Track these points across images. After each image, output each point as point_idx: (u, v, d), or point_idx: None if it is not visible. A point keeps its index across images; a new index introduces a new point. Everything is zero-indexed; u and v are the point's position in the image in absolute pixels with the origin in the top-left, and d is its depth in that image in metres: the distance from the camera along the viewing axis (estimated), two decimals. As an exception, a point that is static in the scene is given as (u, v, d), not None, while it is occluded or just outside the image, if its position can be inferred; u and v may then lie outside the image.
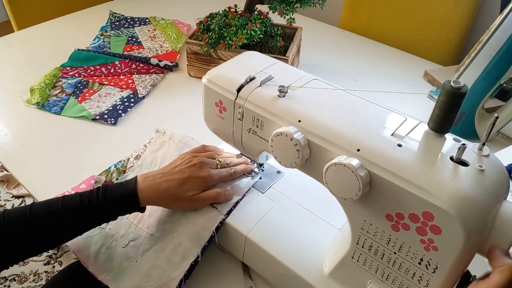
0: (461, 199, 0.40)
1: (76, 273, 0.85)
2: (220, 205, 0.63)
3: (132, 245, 0.64)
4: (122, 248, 0.64)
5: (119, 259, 0.63)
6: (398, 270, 0.48)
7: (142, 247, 0.64)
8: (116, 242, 0.65)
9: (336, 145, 0.47)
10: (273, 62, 0.61)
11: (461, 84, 0.41)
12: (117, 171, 0.77)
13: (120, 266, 0.62)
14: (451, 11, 1.31)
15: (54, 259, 1.47)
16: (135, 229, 0.66)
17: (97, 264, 0.63)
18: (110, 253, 0.64)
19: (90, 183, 0.74)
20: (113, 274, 0.62)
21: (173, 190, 0.60)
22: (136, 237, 0.65)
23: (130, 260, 0.62)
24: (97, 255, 0.64)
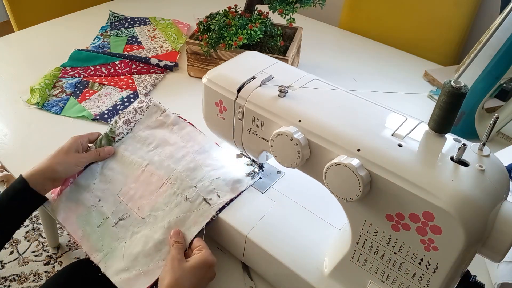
0: (461, 199, 0.40)
1: (75, 273, 0.85)
2: (213, 201, 0.64)
3: (121, 224, 0.66)
4: (112, 227, 0.66)
5: (109, 238, 0.65)
6: (398, 270, 0.48)
7: (131, 228, 0.65)
8: (107, 220, 0.67)
9: (337, 145, 0.47)
10: (273, 62, 0.61)
11: (461, 84, 0.41)
12: (106, 138, 0.76)
13: (110, 246, 0.64)
14: (451, 11, 1.31)
15: (54, 259, 1.47)
16: (125, 207, 0.67)
17: (90, 243, 0.66)
18: (101, 232, 0.66)
19: None
20: (103, 254, 0.64)
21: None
22: (126, 216, 0.66)
23: (119, 240, 0.64)
24: (89, 235, 0.66)
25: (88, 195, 0.70)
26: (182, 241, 0.61)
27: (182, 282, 0.55)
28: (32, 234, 1.55)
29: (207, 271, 0.57)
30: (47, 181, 0.68)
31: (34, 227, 1.57)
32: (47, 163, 0.68)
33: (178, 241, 0.60)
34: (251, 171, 0.68)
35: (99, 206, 0.69)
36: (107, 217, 0.67)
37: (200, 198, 0.64)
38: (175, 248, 0.59)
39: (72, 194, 0.71)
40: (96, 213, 0.68)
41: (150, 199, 0.67)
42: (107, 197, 0.70)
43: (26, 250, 1.49)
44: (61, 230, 1.53)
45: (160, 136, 0.76)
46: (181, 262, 0.57)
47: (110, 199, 0.69)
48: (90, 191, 0.71)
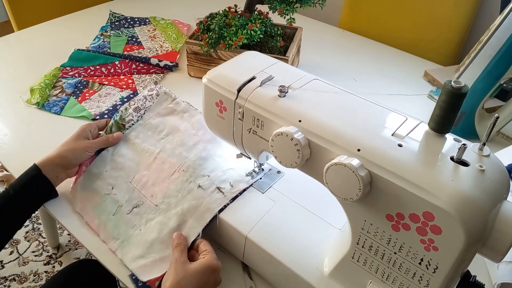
0: (461, 199, 0.40)
1: (76, 273, 0.85)
2: (226, 190, 0.65)
3: (135, 211, 0.67)
4: (127, 214, 0.67)
5: (125, 226, 0.66)
6: (398, 270, 0.48)
7: (145, 215, 0.66)
8: (121, 208, 0.68)
9: (337, 145, 0.47)
10: (273, 62, 0.61)
11: (462, 84, 0.41)
12: (116, 125, 0.77)
13: (125, 234, 0.65)
14: (451, 11, 1.31)
15: (54, 259, 1.47)
16: (138, 195, 0.69)
17: (106, 231, 0.67)
18: (116, 219, 0.67)
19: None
20: (120, 242, 0.65)
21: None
22: (140, 204, 0.67)
23: (134, 228, 0.65)
24: (105, 223, 0.67)
25: (101, 183, 0.71)
26: (184, 243, 0.61)
27: (184, 284, 0.54)
28: (32, 234, 1.55)
29: (211, 276, 0.57)
30: (58, 168, 0.69)
31: (34, 227, 1.57)
32: (57, 151, 0.70)
33: (180, 243, 0.60)
34: (251, 171, 0.68)
35: (112, 194, 0.70)
36: (121, 205, 0.68)
37: (213, 186, 0.65)
38: (178, 251, 0.59)
39: (86, 183, 0.72)
40: (110, 201, 0.69)
41: (162, 186, 0.68)
42: (120, 185, 0.71)
43: (26, 250, 1.49)
44: (61, 230, 1.53)
45: (171, 123, 0.77)
46: (184, 264, 0.57)
47: (123, 186, 0.70)
48: (103, 179, 0.72)
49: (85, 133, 0.73)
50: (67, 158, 0.70)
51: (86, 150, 0.71)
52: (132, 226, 0.66)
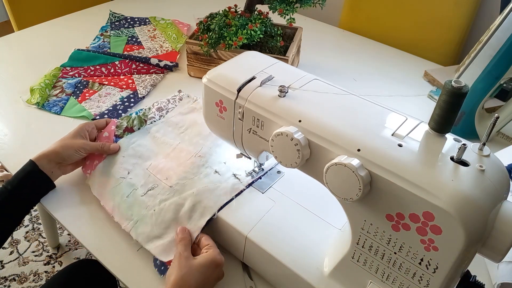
0: (461, 199, 0.40)
1: (76, 273, 0.85)
2: (242, 177, 0.67)
3: (150, 193, 0.68)
4: (141, 196, 0.68)
5: (138, 207, 0.67)
6: (398, 270, 0.48)
7: (159, 196, 0.67)
8: (136, 191, 0.69)
9: (337, 145, 0.47)
10: (273, 62, 0.61)
11: (462, 84, 0.41)
12: (138, 119, 0.81)
13: (139, 214, 0.66)
14: (451, 11, 1.31)
15: (54, 259, 1.47)
16: (153, 179, 0.70)
17: (120, 212, 0.67)
18: (130, 201, 0.68)
19: (111, 129, 0.78)
20: (133, 222, 0.66)
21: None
22: (154, 186, 0.69)
23: (148, 208, 0.66)
24: (119, 204, 0.68)
25: (117, 167, 0.73)
26: (188, 238, 0.61)
27: (188, 279, 0.55)
28: (32, 234, 1.55)
29: (214, 270, 0.57)
30: (52, 164, 0.70)
31: (34, 227, 1.57)
32: (52, 146, 0.71)
33: (184, 237, 0.60)
34: (251, 171, 0.68)
35: (128, 178, 0.71)
36: (136, 188, 0.69)
37: (229, 172, 0.68)
38: (182, 245, 0.59)
39: (104, 169, 0.73)
40: (125, 184, 0.70)
41: (178, 169, 0.70)
42: (136, 170, 0.72)
43: (26, 250, 1.49)
44: (61, 230, 1.53)
45: (190, 119, 0.82)
46: (188, 259, 0.57)
47: (139, 172, 0.72)
48: (120, 163, 0.73)
49: (82, 132, 0.74)
50: (61, 155, 0.70)
51: (79, 150, 0.71)
52: (145, 207, 0.66)
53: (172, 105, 0.86)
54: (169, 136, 0.79)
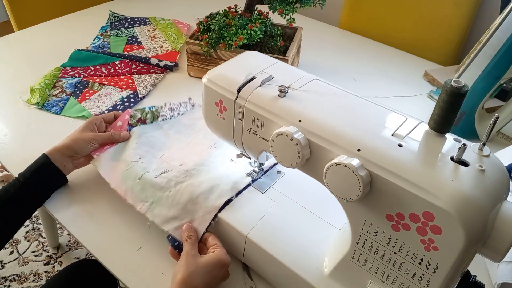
0: (461, 199, 0.40)
1: (76, 274, 0.85)
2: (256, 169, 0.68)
3: (163, 176, 0.68)
4: (154, 178, 0.68)
5: (152, 188, 0.67)
6: (398, 270, 0.48)
7: (174, 178, 0.67)
8: (148, 173, 0.69)
9: (337, 145, 0.47)
10: (273, 62, 0.61)
11: (461, 84, 0.41)
12: (151, 113, 0.81)
13: (154, 195, 0.66)
14: (451, 11, 1.31)
15: (54, 259, 1.47)
16: (167, 165, 0.70)
17: (134, 195, 0.67)
18: (142, 183, 0.67)
19: (125, 118, 0.79)
20: (149, 204, 0.66)
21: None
22: (168, 170, 0.69)
23: (163, 190, 0.66)
24: (132, 187, 0.68)
25: (129, 152, 0.73)
26: (195, 236, 0.61)
27: (195, 277, 0.55)
28: (32, 234, 1.55)
29: (220, 270, 0.57)
30: (65, 158, 0.71)
31: (34, 227, 1.57)
32: (63, 141, 0.72)
33: (191, 235, 0.60)
34: (251, 171, 0.68)
35: (140, 162, 0.71)
36: (148, 171, 0.69)
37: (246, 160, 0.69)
38: (188, 243, 0.59)
39: (115, 153, 0.74)
40: (137, 167, 0.70)
41: (194, 157, 0.71)
42: (148, 157, 0.72)
43: (26, 250, 1.49)
44: (61, 230, 1.53)
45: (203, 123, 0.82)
46: (195, 257, 0.57)
47: (151, 159, 0.72)
48: (132, 149, 0.73)
49: (91, 126, 0.75)
50: (73, 148, 0.71)
51: (90, 141, 0.72)
52: (160, 189, 0.66)
53: (183, 109, 0.86)
54: (182, 134, 0.79)
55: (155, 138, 0.77)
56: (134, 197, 0.67)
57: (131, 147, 0.74)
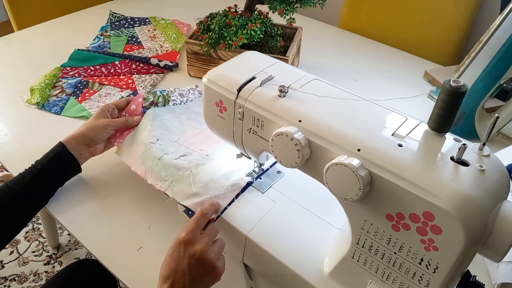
0: (461, 199, 0.40)
1: (76, 274, 0.85)
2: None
3: (183, 158, 0.69)
4: (174, 159, 0.69)
5: (173, 168, 0.68)
6: (399, 270, 0.48)
7: (195, 161, 0.68)
8: (167, 155, 0.70)
9: (337, 145, 0.47)
10: (273, 62, 0.61)
11: (461, 84, 0.41)
12: (162, 97, 0.82)
13: (174, 175, 0.67)
14: (451, 11, 1.31)
15: (54, 259, 1.47)
16: (185, 149, 0.71)
17: (153, 175, 0.68)
18: (162, 163, 0.68)
19: (138, 101, 0.80)
20: (169, 182, 0.66)
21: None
22: (188, 154, 0.70)
23: (184, 169, 0.67)
24: (151, 167, 0.69)
25: (146, 135, 0.74)
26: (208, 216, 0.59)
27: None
28: (32, 234, 1.55)
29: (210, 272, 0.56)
30: (81, 146, 0.72)
31: (34, 227, 1.57)
32: (79, 129, 0.74)
33: (206, 213, 0.59)
34: (251, 171, 0.68)
35: (158, 144, 0.72)
36: (167, 153, 0.70)
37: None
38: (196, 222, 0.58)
39: (133, 138, 0.75)
40: (155, 148, 0.71)
41: (213, 143, 0.72)
42: (165, 140, 0.73)
43: (26, 250, 1.49)
44: (61, 230, 1.53)
45: None
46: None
47: (168, 142, 0.73)
48: (148, 131, 0.74)
49: (104, 113, 0.76)
50: (88, 136, 0.72)
51: (105, 128, 0.74)
52: (180, 169, 0.67)
53: (192, 95, 0.87)
54: (194, 121, 0.80)
55: (169, 122, 0.78)
56: (153, 177, 0.68)
57: (147, 129, 0.75)
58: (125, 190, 0.76)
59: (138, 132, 0.75)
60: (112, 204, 0.73)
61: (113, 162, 0.80)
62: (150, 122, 0.76)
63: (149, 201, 0.74)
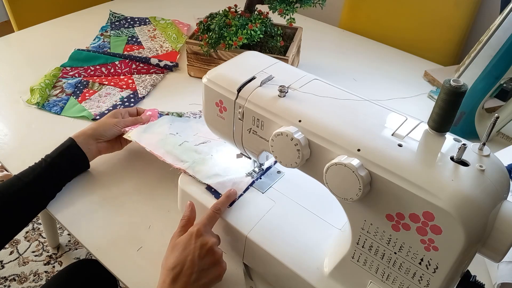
0: (461, 199, 0.40)
1: (76, 274, 0.85)
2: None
3: (204, 145, 0.71)
4: (195, 145, 0.72)
5: (194, 153, 0.70)
6: (398, 270, 0.48)
7: (215, 147, 0.70)
8: (188, 143, 0.73)
9: (337, 145, 0.47)
10: (273, 62, 0.61)
11: (460, 83, 0.41)
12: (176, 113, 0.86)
13: (195, 158, 0.69)
14: (451, 11, 1.31)
15: (54, 259, 1.47)
16: (204, 138, 0.74)
17: (173, 157, 0.70)
18: (182, 149, 0.71)
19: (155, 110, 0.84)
20: (190, 163, 0.68)
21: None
22: (207, 141, 0.72)
23: (205, 153, 0.69)
24: (171, 151, 0.71)
25: (165, 128, 0.77)
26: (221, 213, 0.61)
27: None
28: (32, 234, 1.55)
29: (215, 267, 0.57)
30: (90, 140, 0.74)
31: (34, 227, 1.57)
32: (90, 125, 0.77)
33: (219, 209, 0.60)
34: (251, 171, 0.68)
35: (177, 135, 0.75)
36: (187, 141, 0.72)
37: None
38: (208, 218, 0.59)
39: (149, 129, 0.77)
40: (175, 137, 0.73)
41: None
42: (185, 134, 0.75)
43: (26, 250, 1.49)
44: (61, 230, 1.53)
45: None
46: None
47: (189, 135, 0.75)
48: (168, 127, 0.77)
49: (116, 114, 0.79)
50: (98, 130, 0.75)
51: (116, 124, 0.77)
52: (201, 153, 0.69)
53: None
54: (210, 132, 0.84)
55: (186, 124, 0.81)
56: (173, 158, 0.69)
57: (167, 126, 0.77)
58: (125, 190, 0.76)
59: (155, 126, 0.77)
60: (112, 204, 0.73)
61: (113, 162, 0.80)
62: (169, 122, 0.79)
63: (149, 201, 0.74)
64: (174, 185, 0.70)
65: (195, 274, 0.54)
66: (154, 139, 0.74)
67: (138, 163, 0.81)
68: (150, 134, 0.75)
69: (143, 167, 0.80)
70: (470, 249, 0.41)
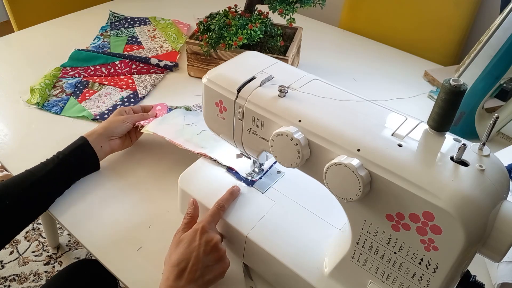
0: (461, 199, 0.40)
1: (76, 274, 0.85)
2: None
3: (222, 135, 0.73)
4: (212, 134, 0.73)
5: (212, 141, 0.73)
6: (398, 270, 0.48)
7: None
8: (205, 131, 0.76)
9: (337, 145, 0.47)
10: (273, 62, 0.61)
11: (460, 83, 0.41)
12: (184, 107, 0.87)
13: (214, 144, 0.72)
14: (451, 11, 1.31)
15: (54, 259, 1.47)
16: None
17: (193, 144, 0.73)
18: (201, 138, 0.74)
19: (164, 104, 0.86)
20: (209, 149, 0.72)
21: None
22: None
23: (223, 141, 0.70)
24: (191, 139, 0.75)
25: (180, 119, 0.80)
26: (225, 209, 0.61)
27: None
28: (32, 234, 1.55)
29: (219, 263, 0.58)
30: (102, 138, 0.75)
31: (34, 227, 1.57)
32: (99, 125, 0.78)
33: (223, 206, 0.61)
34: (251, 171, 0.68)
35: (193, 125, 0.78)
36: (205, 130, 0.74)
37: None
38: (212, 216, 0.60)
39: (164, 121, 0.79)
40: (192, 128, 0.77)
41: None
42: (201, 124, 0.77)
43: (26, 250, 1.49)
44: (61, 230, 1.53)
45: None
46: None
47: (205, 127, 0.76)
48: (182, 119, 0.80)
49: (122, 111, 0.81)
50: (109, 128, 0.76)
51: (125, 120, 0.78)
52: (219, 141, 0.70)
53: None
54: None
55: (198, 118, 0.82)
56: (193, 145, 0.73)
57: (181, 118, 0.79)
58: (125, 190, 0.76)
59: (170, 118, 0.79)
60: (112, 204, 0.73)
61: (113, 162, 0.80)
62: (183, 114, 0.81)
63: (149, 201, 0.74)
64: (174, 185, 0.70)
65: (200, 270, 0.54)
66: (171, 129, 0.77)
67: (138, 163, 0.81)
68: (166, 125, 0.78)
69: (143, 167, 0.80)
70: (470, 249, 0.41)
